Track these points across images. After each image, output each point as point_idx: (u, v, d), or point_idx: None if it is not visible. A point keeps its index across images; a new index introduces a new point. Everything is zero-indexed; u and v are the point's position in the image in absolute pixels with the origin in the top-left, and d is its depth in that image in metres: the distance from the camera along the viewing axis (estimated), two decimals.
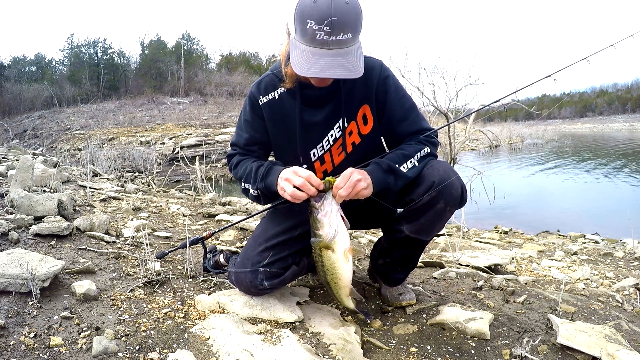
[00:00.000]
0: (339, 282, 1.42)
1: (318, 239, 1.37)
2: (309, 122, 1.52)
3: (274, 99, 1.53)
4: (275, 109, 1.53)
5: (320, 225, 1.36)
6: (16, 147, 8.83)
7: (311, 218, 1.39)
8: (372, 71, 1.50)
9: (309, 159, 1.57)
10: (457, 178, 1.46)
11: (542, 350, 1.41)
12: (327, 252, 1.38)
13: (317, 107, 1.51)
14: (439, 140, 1.80)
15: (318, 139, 1.55)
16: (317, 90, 1.47)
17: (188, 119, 21.16)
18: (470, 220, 4.99)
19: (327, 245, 1.36)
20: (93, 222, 2.14)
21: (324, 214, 1.36)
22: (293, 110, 1.51)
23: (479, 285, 1.95)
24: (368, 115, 1.54)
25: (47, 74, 39.76)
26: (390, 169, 1.43)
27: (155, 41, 43.32)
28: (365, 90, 1.51)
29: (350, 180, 1.34)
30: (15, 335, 1.18)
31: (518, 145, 24.37)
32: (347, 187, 1.33)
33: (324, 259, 1.40)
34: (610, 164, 12.77)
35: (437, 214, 1.47)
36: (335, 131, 1.53)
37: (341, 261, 1.38)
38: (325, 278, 1.44)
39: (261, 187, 1.46)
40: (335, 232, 1.35)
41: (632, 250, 3.36)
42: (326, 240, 1.36)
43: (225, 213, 3.36)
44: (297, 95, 1.49)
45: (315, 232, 1.39)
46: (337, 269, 1.39)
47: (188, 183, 5.65)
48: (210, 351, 1.25)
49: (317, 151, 1.56)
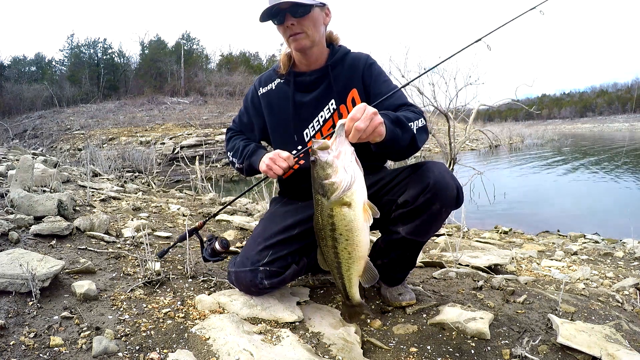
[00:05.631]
0: (356, 250, 1.12)
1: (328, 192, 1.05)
2: (301, 102, 1.66)
3: (271, 89, 1.74)
4: (272, 97, 1.73)
5: (332, 170, 1.05)
6: (16, 147, 8.83)
7: (316, 167, 1.08)
8: (359, 60, 1.67)
9: (302, 138, 1.68)
10: (452, 179, 1.47)
11: (542, 350, 1.41)
12: (340, 209, 1.07)
13: (308, 92, 1.67)
14: (439, 140, 1.85)
15: (309, 119, 1.66)
16: (307, 76, 1.65)
17: (188, 119, 21.16)
18: (470, 220, 4.99)
19: (341, 199, 1.05)
20: (93, 222, 2.14)
21: (336, 155, 1.05)
22: (287, 95, 1.68)
23: (479, 285, 1.95)
24: (356, 98, 1.64)
25: (47, 74, 39.74)
26: (398, 120, 1.35)
27: (155, 41, 43.31)
28: (352, 75, 1.65)
29: (366, 112, 1.15)
30: (15, 335, 1.18)
31: (518, 145, 24.37)
32: (365, 119, 1.13)
33: (336, 220, 1.08)
34: (610, 163, 12.78)
35: (432, 216, 1.47)
36: (325, 112, 1.64)
37: (360, 219, 1.09)
38: (335, 251, 1.14)
39: (245, 165, 1.67)
40: (352, 178, 1.06)
41: (632, 250, 3.36)
42: (340, 190, 1.05)
43: (225, 213, 3.36)
44: (291, 82, 1.67)
45: (322, 184, 1.07)
46: (357, 231, 1.09)
47: (188, 183, 5.65)
48: (210, 351, 1.25)
49: (309, 131, 1.67)
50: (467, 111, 7.13)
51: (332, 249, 1.16)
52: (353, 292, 1.28)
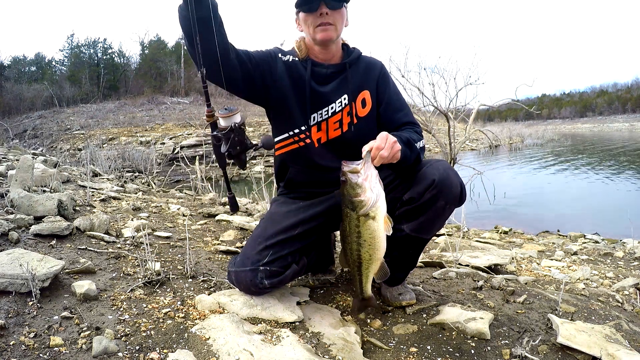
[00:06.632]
0: (376, 253, 1.35)
1: (357, 207, 1.29)
2: (316, 90, 1.66)
3: (289, 61, 1.68)
4: (291, 69, 1.68)
5: (361, 190, 1.29)
6: (16, 147, 8.83)
7: (346, 186, 1.32)
8: (375, 65, 1.75)
9: (308, 119, 1.67)
10: (456, 176, 1.51)
11: (542, 350, 1.41)
12: (367, 220, 1.31)
13: (324, 83, 1.68)
14: (439, 140, 1.90)
15: (319, 106, 1.67)
16: (325, 68, 1.66)
17: (188, 119, 21.15)
18: (470, 220, 4.99)
19: (368, 212, 1.29)
20: (93, 222, 2.14)
21: (364, 178, 1.29)
22: (304, 76, 1.66)
23: (479, 285, 1.95)
24: (367, 100, 1.70)
25: (47, 74, 39.76)
26: (408, 141, 1.52)
27: (155, 41, 43.35)
28: (366, 78, 1.71)
29: (388, 141, 1.36)
30: (15, 335, 1.18)
31: (518, 145, 24.37)
32: (388, 147, 1.35)
33: (362, 229, 1.32)
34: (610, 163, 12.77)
35: (437, 212, 1.50)
36: (336, 105, 1.67)
37: (382, 229, 1.32)
38: (358, 253, 1.37)
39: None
40: (377, 196, 1.29)
41: (632, 250, 3.36)
42: (367, 206, 1.28)
43: (225, 213, 3.36)
44: (308, 68, 1.66)
45: (352, 201, 1.31)
46: (378, 238, 1.32)
47: (188, 183, 5.64)
48: (210, 351, 1.25)
49: (317, 116, 1.67)
50: (467, 111, 7.12)
51: (356, 251, 1.38)
52: (367, 288, 1.47)
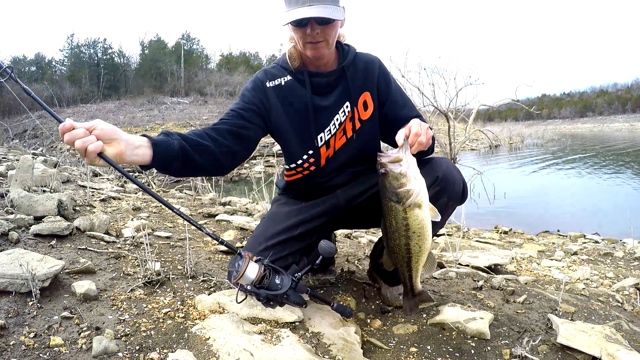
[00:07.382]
0: (425, 243, 1.29)
1: (404, 198, 1.21)
2: (319, 106, 1.58)
3: (280, 85, 1.59)
4: (285, 93, 1.58)
5: (405, 179, 1.21)
6: (16, 147, 8.83)
7: (389, 178, 1.24)
8: (373, 63, 1.64)
9: (315, 142, 1.60)
10: (458, 173, 1.53)
11: (542, 350, 1.41)
12: (413, 211, 1.23)
13: (325, 94, 1.60)
14: (439, 140, 1.87)
15: (326, 123, 1.60)
16: (324, 77, 1.57)
17: (188, 119, 21.16)
18: (470, 220, 4.99)
19: (416, 202, 1.21)
20: (93, 222, 2.14)
21: (407, 166, 1.21)
22: (303, 96, 1.57)
23: (479, 285, 1.95)
24: (368, 101, 1.63)
25: (47, 74, 39.75)
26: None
27: (155, 41, 43.34)
28: (365, 78, 1.62)
29: (423, 126, 1.32)
30: (15, 335, 1.18)
31: (518, 145, 24.37)
32: (424, 133, 1.31)
33: (410, 221, 1.25)
34: (610, 162, 12.77)
35: (440, 209, 1.49)
36: (340, 115, 1.60)
37: (429, 216, 1.25)
38: (407, 247, 1.30)
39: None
40: (421, 184, 1.22)
41: (632, 250, 3.36)
42: (414, 195, 1.21)
43: (225, 213, 3.36)
44: (307, 82, 1.57)
45: (397, 193, 1.22)
46: (427, 227, 1.26)
47: (188, 183, 5.65)
48: (210, 351, 1.25)
49: (324, 135, 1.61)
50: (467, 111, 7.14)
51: (405, 246, 1.32)
52: (417, 282, 1.42)
